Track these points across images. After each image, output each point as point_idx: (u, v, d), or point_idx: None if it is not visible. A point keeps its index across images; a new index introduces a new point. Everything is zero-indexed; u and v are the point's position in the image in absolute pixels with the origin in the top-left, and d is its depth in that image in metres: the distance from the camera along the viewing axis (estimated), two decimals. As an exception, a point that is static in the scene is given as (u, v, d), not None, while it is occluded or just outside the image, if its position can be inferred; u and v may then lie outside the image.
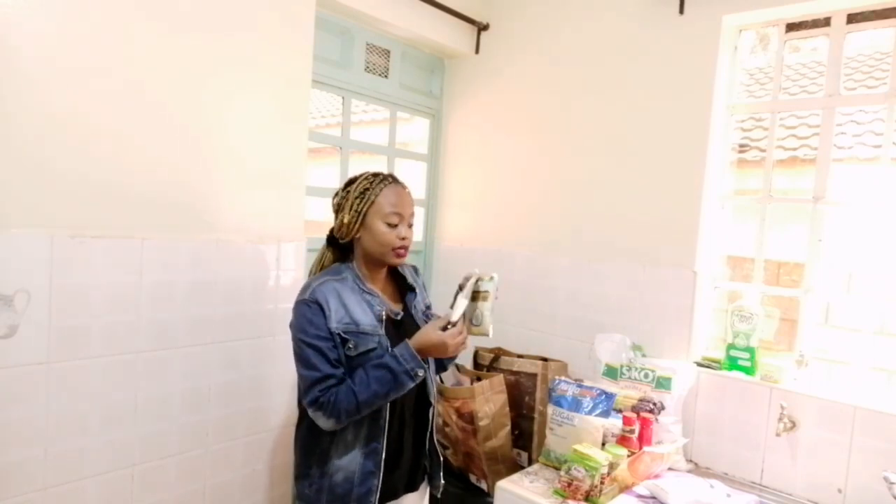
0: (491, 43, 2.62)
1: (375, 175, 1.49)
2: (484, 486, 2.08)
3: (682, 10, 2.03)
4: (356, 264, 1.50)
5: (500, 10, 2.59)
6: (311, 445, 1.46)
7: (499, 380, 2.08)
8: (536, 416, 2.10)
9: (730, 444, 1.90)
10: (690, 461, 1.96)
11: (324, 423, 1.36)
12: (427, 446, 1.57)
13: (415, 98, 2.65)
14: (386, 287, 1.56)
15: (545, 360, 2.21)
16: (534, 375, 2.13)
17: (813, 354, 1.85)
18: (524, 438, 2.13)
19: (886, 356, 1.75)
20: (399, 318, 1.51)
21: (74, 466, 1.55)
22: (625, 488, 1.63)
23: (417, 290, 1.61)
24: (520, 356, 2.24)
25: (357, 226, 1.45)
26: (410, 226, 1.51)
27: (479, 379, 2.11)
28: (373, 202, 1.44)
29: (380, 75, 2.48)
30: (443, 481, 1.63)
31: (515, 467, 2.02)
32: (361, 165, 2.60)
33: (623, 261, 2.17)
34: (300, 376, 1.40)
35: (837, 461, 1.69)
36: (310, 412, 1.37)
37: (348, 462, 1.43)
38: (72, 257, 1.49)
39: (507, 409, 2.08)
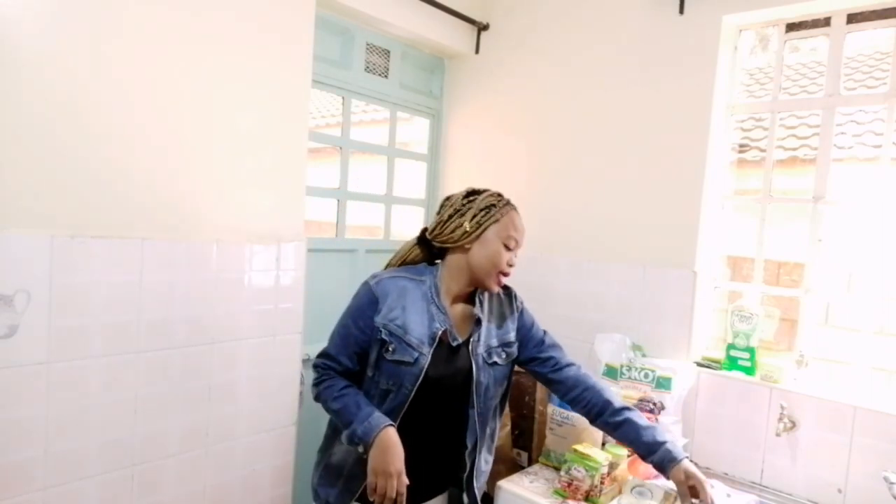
0: (491, 43, 2.62)
1: (500, 196, 1.47)
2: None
3: (682, 10, 2.03)
4: (442, 273, 1.46)
5: (500, 10, 2.59)
6: (325, 434, 1.55)
7: (499, 380, 2.08)
8: (536, 416, 2.10)
9: (730, 444, 1.90)
10: (690, 461, 1.95)
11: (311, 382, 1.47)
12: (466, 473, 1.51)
13: (415, 98, 2.65)
14: (463, 311, 1.49)
15: (545, 360, 2.21)
16: (534, 375, 2.13)
17: (813, 354, 1.85)
18: (524, 438, 2.12)
19: (886, 356, 1.74)
20: (456, 344, 1.44)
21: (74, 466, 1.55)
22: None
23: (486, 323, 1.50)
24: (520, 356, 2.24)
25: (474, 237, 1.40)
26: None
27: (479, 379, 2.11)
28: (497, 220, 1.42)
29: (380, 75, 2.47)
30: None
31: (515, 467, 2.02)
32: (361, 165, 2.61)
33: (623, 261, 2.17)
34: (330, 338, 1.46)
35: (837, 461, 1.69)
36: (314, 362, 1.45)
37: (343, 454, 1.45)
38: (72, 257, 1.49)
39: (508, 409, 2.07)
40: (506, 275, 1.45)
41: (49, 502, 1.51)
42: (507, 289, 1.58)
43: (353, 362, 1.42)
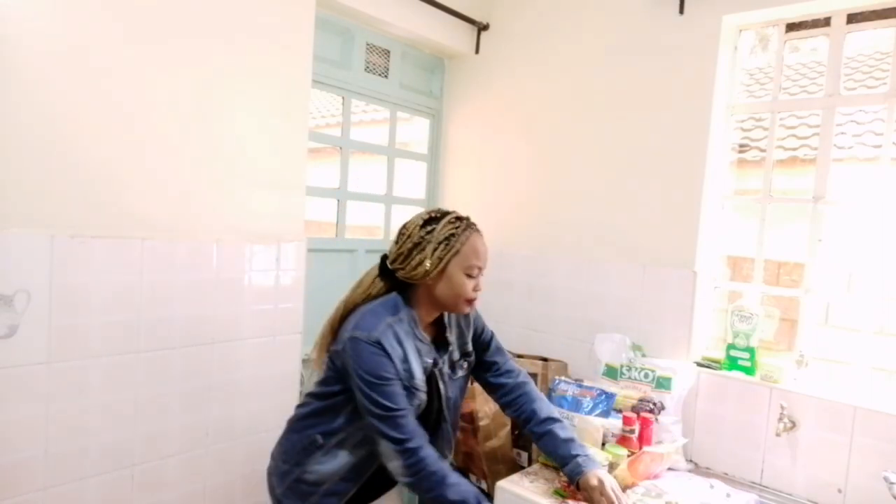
0: (491, 43, 2.62)
1: (459, 219, 1.42)
2: (484, 486, 2.08)
3: (682, 10, 2.03)
4: (414, 305, 1.43)
5: (500, 10, 2.59)
6: (305, 435, 1.44)
7: (499, 380, 2.08)
8: (536, 416, 2.10)
9: (730, 444, 1.90)
10: (690, 461, 1.96)
11: (394, 468, 1.31)
12: None
13: (415, 98, 2.65)
14: (434, 333, 1.50)
15: (545, 360, 2.21)
16: (534, 375, 2.13)
17: (813, 354, 1.85)
18: (524, 438, 2.12)
19: (886, 356, 1.74)
20: (432, 369, 1.45)
21: (74, 466, 1.55)
22: (625, 488, 1.63)
23: (453, 340, 1.52)
24: (520, 356, 2.24)
25: (436, 273, 1.37)
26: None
27: (479, 379, 2.11)
28: (457, 252, 1.38)
29: (380, 75, 2.47)
30: None
31: (515, 467, 2.02)
32: (361, 165, 2.61)
33: (623, 261, 2.17)
34: (376, 416, 1.30)
35: (837, 461, 1.69)
36: (387, 449, 1.30)
37: (326, 472, 1.42)
38: (72, 257, 1.49)
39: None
40: (474, 299, 1.44)
41: (49, 502, 1.51)
42: None
43: (410, 404, 1.37)
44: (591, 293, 2.25)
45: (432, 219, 1.42)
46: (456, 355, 1.53)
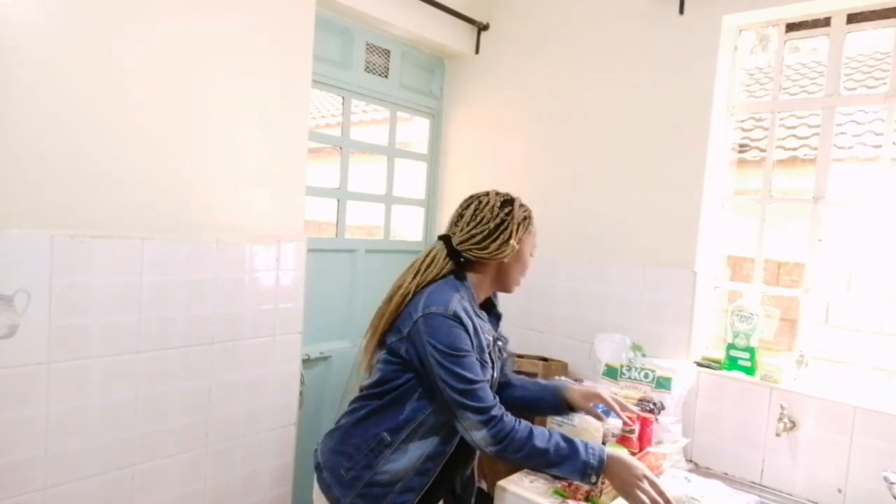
0: (491, 43, 2.62)
1: (524, 204, 1.47)
2: (484, 486, 2.07)
3: (682, 10, 2.03)
4: (472, 283, 1.43)
5: (500, 10, 2.59)
6: (370, 435, 1.39)
7: (499, 380, 2.08)
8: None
9: (730, 444, 1.90)
10: (690, 461, 1.96)
11: (481, 439, 1.29)
12: (465, 476, 1.54)
13: (415, 98, 2.65)
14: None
15: (545, 360, 2.21)
16: (534, 375, 2.13)
17: (813, 354, 1.85)
18: (524, 438, 2.12)
19: (886, 356, 1.74)
20: (494, 344, 1.46)
21: (74, 466, 1.55)
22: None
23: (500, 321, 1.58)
24: (520, 356, 2.24)
25: (516, 252, 1.42)
26: None
27: (479, 379, 2.11)
28: (530, 231, 1.45)
29: (380, 75, 2.47)
30: None
31: (515, 467, 2.02)
32: (361, 165, 2.61)
33: (623, 261, 2.17)
34: (456, 390, 1.28)
35: (837, 461, 1.69)
36: (471, 420, 1.29)
37: (399, 469, 1.38)
38: (72, 257, 1.49)
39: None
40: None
41: (49, 502, 1.51)
42: None
43: (486, 375, 1.38)
44: (591, 293, 2.25)
45: (507, 201, 1.44)
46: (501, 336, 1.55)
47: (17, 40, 1.39)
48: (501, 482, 1.72)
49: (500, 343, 1.50)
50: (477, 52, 2.65)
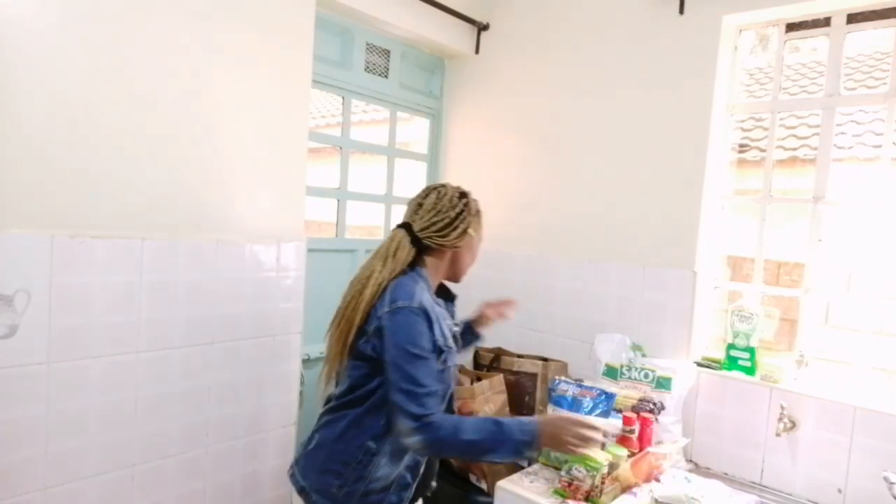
0: (491, 43, 2.62)
1: (474, 197, 1.54)
2: (484, 486, 2.08)
3: (682, 10, 2.03)
4: (427, 272, 1.45)
5: (500, 10, 2.59)
6: (354, 447, 1.38)
7: (499, 380, 2.08)
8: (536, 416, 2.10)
9: (730, 444, 1.90)
10: (690, 461, 1.96)
11: (413, 443, 1.29)
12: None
13: (415, 98, 2.65)
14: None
15: (545, 360, 2.21)
16: (534, 375, 2.13)
17: (813, 354, 1.85)
18: (524, 438, 2.12)
19: (886, 356, 1.74)
20: (456, 331, 1.51)
21: (74, 466, 1.55)
22: (627, 488, 1.63)
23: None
24: (520, 356, 2.24)
25: (468, 242, 1.48)
26: None
27: (479, 379, 2.11)
28: (481, 224, 1.53)
29: (380, 75, 2.47)
30: (434, 483, 1.59)
31: (515, 467, 2.02)
32: (361, 165, 2.61)
33: (623, 261, 2.17)
34: (403, 391, 1.29)
35: (837, 461, 1.69)
36: (405, 426, 1.28)
37: (390, 472, 1.39)
38: (72, 257, 1.49)
39: (507, 409, 2.07)
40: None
41: (49, 502, 1.51)
42: None
43: (441, 384, 1.38)
44: (591, 293, 2.25)
45: (463, 193, 1.50)
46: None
47: (17, 40, 1.39)
48: (501, 482, 1.72)
49: (455, 330, 1.54)
50: (477, 52, 2.65)
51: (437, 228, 1.43)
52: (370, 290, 1.38)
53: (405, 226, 1.45)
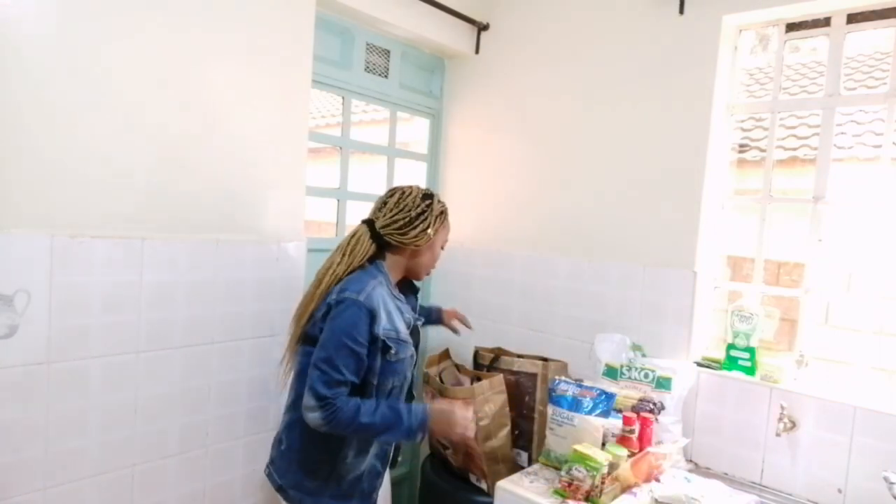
0: (491, 43, 2.62)
1: (441, 199, 1.63)
2: (484, 486, 2.08)
3: (682, 10, 2.03)
4: (388, 268, 1.55)
5: (500, 10, 2.59)
6: (322, 446, 1.48)
7: (499, 380, 2.08)
8: (536, 416, 2.10)
9: (730, 444, 1.90)
10: (690, 461, 1.96)
11: (313, 419, 1.37)
12: None
13: (415, 98, 2.65)
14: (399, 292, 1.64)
15: (545, 360, 2.21)
16: (534, 375, 2.13)
17: (813, 354, 1.85)
18: (524, 438, 2.13)
19: (886, 356, 1.74)
20: (416, 323, 1.61)
21: (74, 466, 1.55)
22: (627, 488, 1.63)
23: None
24: (520, 356, 2.24)
25: (428, 242, 1.55)
26: None
27: (478, 379, 2.11)
28: (445, 226, 1.61)
29: (380, 75, 2.47)
30: (400, 459, 1.77)
31: (515, 467, 2.02)
32: (361, 165, 2.61)
33: (623, 261, 2.17)
34: (320, 370, 1.38)
35: (837, 461, 1.69)
36: (309, 402, 1.37)
37: (359, 464, 1.49)
38: (72, 257, 1.49)
39: (507, 408, 2.08)
40: (433, 269, 1.67)
41: (49, 502, 1.51)
42: None
43: (358, 377, 1.45)
44: (591, 293, 2.25)
45: (427, 195, 1.59)
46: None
47: (17, 40, 1.39)
48: (501, 482, 1.72)
49: (417, 323, 1.65)
50: (477, 52, 2.65)
51: (398, 226, 1.52)
52: (326, 280, 1.50)
53: (368, 222, 1.56)
